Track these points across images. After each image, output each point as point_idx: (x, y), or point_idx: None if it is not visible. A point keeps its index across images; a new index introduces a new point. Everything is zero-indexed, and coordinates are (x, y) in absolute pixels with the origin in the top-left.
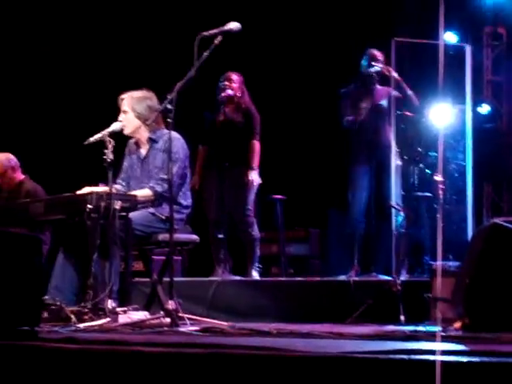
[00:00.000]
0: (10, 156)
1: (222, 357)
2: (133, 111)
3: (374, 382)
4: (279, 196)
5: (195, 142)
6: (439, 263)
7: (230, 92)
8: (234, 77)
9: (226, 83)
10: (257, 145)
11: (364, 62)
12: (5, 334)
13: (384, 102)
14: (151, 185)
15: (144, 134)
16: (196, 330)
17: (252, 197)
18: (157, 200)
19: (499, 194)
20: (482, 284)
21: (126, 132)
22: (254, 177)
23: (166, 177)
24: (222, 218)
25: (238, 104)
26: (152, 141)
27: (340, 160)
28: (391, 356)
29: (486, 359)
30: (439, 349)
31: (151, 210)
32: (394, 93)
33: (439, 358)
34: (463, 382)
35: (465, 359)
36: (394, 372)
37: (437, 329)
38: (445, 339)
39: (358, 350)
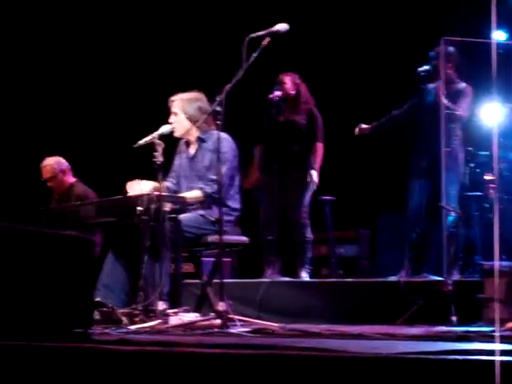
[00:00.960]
0: (61, 159)
1: (274, 358)
2: (184, 113)
3: (427, 383)
4: (328, 197)
5: (246, 145)
6: (495, 263)
7: (278, 93)
8: (286, 78)
9: (278, 87)
10: (320, 147)
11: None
12: (59, 336)
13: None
14: (201, 186)
15: (194, 135)
16: (247, 332)
17: (308, 199)
18: (206, 201)
19: None
20: None
21: (177, 134)
22: (315, 178)
23: (215, 177)
24: (272, 220)
25: (295, 102)
26: (201, 140)
27: (394, 160)
28: (444, 356)
29: None
30: (497, 348)
31: (201, 211)
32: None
33: (498, 358)
34: None
35: None
36: (447, 372)
37: (490, 329)
38: (499, 339)
39: (409, 350)
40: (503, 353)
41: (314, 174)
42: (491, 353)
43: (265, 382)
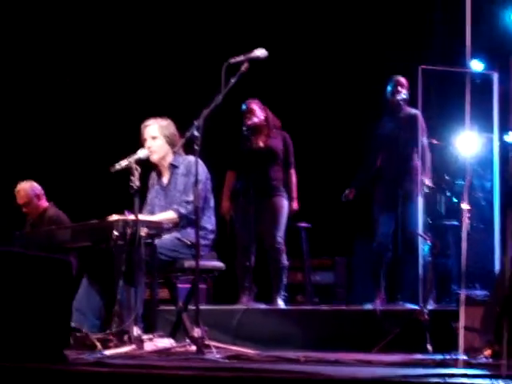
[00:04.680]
0: (34, 184)
1: (250, 380)
2: (163, 136)
3: None
4: (304, 224)
5: (218, 169)
6: (462, 291)
7: (255, 120)
8: (253, 105)
9: (248, 115)
10: (294, 174)
11: (389, 89)
12: (35, 357)
13: (411, 130)
14: (175, 207)
15: (168, 161)
16: (222, 358)
17: (284, 225)
18: (181, 222)
19: None
20: None
21: (154, 158)
22: (295, 205)
23: (189, 199)
24: (250, 246)
25: (267, 128)
26: (173, 167)
27: (366, 188)
28: (424, 380)
29: None
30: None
31: (177, 234)
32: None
33: (475, 381)
34: None
35: (500, 382)
36: None
37: (466, 356)
38: (475, 366)
39: (389, 374)
40: (478, 376)
41: (294, 203)
42: (472, 376)
43: None
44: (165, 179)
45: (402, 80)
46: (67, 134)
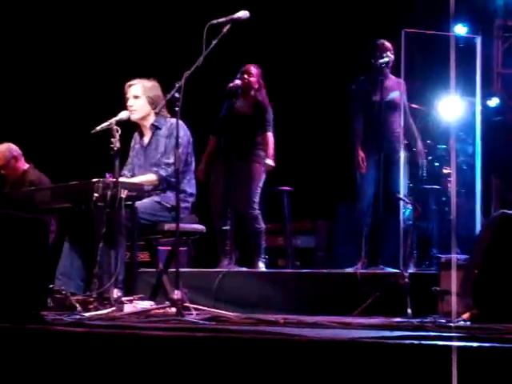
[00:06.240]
0: (12, 146)
1: (228, 341)
2: (145, 97)
3: (382, 367)
4: (286, 187)
5: (201, 132)
6: (453, 256)
7: (238, 82)
8: (253, 70)
9: (245, 76)
10: (270, 136)
11: (374, 53)
12: (11, 318)
13: (395, 94)
14: (155, 169)
15: (150, 121)
16: (202, 319)
17: (258, 190)
18: (161, 185)
19: (508, 187)
20: (491, 274)
21: (135, 117)
22: (269, 162)
23: (169, 161)
24: (226, 210)
25: (253, 97)
26: (155, 127)
27: (348, 152)
28: (401, 341)
29: (497, 345)
30: (452, 334)
31: (157, 198)
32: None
33: (453, 343)
34: (475, 368)
35: (475, 344)
36: (403, 357)
37: (445, 320)
38: (454, 329)
39: (366, 336)
40: (459, 338)
41: (269, 162)
42: (447, 338)
43: (219, 367)
44: (146, 139)
45: (386, 44)
46: (49, 96)
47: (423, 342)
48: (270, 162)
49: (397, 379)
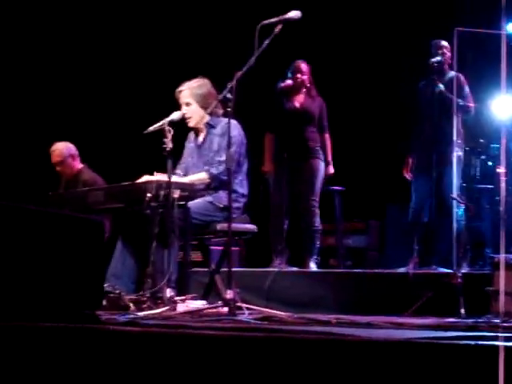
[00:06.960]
0: (69, 144)
1: (281, 341)
2: (196, 102)
3: (437, 368)
4: (338, 187)
5: (254, 133)
6: (502, 255)
7: (289, 82)
8: (304, 67)
9: (298, 76)
10: (329, 138)
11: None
12: (67, 317)
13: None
14: (207, 168)
15: (204, 121)
16: (254, 319)
17: (319, 188)
18: (212, 183)
19: None
20: None
21: (192, 124)
22: (331, 170)
23: (221, 159)
24: (284, 208)
25: (308, 94)
26: (210, 126)
27: (402, 151)
28: (456, 342)
29: None
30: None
31: (209, 198)
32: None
33: (500, 343)
34: None
35: None
36: (458, 358)
37: (499, 320)
38: (507, 330)
39: (420, 336)
40: (508, 338)
41: (331, 170)
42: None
43: (272, 366)
44: (200, 138)
45: (441, 43)
46: (103, 96)
47: (479, 342)
48: (331, 169)
49: (451, 379)
